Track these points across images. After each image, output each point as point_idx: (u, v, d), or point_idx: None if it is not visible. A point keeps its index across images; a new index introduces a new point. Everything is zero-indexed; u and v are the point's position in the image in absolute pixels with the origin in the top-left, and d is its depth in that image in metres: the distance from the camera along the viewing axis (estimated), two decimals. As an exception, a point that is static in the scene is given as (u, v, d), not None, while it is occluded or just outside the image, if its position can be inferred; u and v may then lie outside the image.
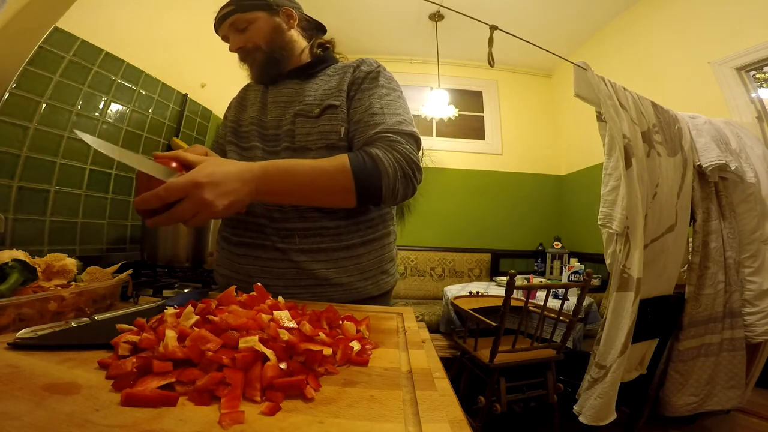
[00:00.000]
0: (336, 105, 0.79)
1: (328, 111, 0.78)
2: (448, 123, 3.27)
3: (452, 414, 0.30)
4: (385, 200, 0.72)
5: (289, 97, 0.84)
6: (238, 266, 0.80)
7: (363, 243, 0.81)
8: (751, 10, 2.05)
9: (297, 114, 0.80)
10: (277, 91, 0.87)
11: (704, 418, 1.83)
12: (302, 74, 0.87)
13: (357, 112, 0.78)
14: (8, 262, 0.48)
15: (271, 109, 0.85)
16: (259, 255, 0.78)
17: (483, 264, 3.48)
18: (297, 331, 0.39)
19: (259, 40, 0.82)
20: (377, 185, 0.69)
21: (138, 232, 1.57)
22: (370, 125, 0.75)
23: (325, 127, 0.78)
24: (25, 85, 1.13)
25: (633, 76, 2.72)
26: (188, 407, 0.28)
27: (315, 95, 0.81)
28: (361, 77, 0.81)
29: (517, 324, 1.68)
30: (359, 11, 3.12)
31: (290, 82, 0.87)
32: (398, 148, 0.72)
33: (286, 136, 0.80)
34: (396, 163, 0.70)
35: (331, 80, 0.83)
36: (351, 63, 0.86)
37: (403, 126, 0.75)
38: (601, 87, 1.42)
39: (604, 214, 1.47)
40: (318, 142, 0.78)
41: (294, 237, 0.77)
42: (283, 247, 0.77)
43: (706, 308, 1.61)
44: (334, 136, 0.77)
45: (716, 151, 1.64)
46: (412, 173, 0.73)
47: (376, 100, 0.78)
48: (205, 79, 2.04)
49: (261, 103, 0.88)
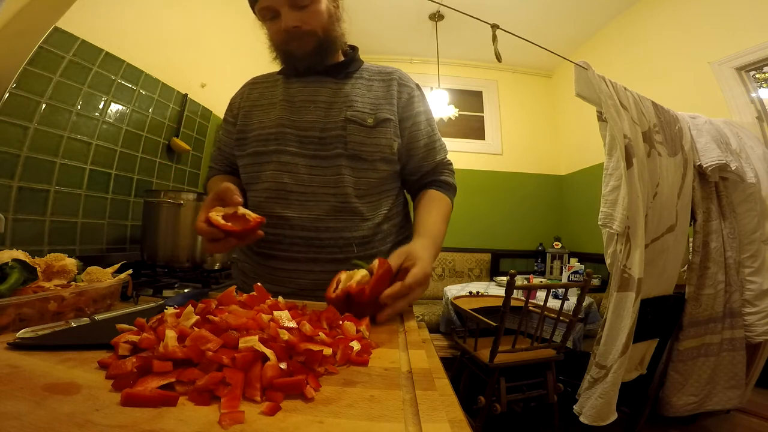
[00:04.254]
0: (390, 119, 0.80)
1: (383, 124, 0.79)
2: (448, 123, 3.27)
3: (452, 414, 0.30)
4: None
5: (329, 97, 0.79)
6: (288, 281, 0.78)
7: (402, 240, 0.86)
8: (751, 10, 2.05)
9: (349, 120, 0.77)
10: (310, 89, 0.80)
11: (704, 418, 1.83)
12: (338, 73, 0.82)
13: (420, 135, 0.85)
14: (8, 262, 0.48)
15: (308, 108, 0.78)
16: (312, 269, 0.77)
17: (483, 264, 3.48)
18: (297, 331, 0.39)
19: (317, 24, 0.74)
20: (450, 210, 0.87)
21: (138, 232, 1.57)
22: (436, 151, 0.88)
23: (380, 140, 0.79)
24: (25, 85, 1.13)
25: (633, 75, 2.72)
26: (188, 407, 0.28)
27: (363, 102, 0.79)
28: (407, 97, 0.85)
29: (517, 324, 1.67)
30: (359, 11, 3.12)
31: (324, 79, 0.80)
32: (452, 170, 0.92)
33: (336, 141, 0.77)
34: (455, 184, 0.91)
35: (373, 87, 0.82)
36: (387, 71, 0.86)
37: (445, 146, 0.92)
38: (601, 87, 1.42)
39: (605, 214, 1.47)
40: (374, 154, 0.78)
41: (351, 245, 0.78)
42: (342, 257, 0.77)
43: (706, 308, 1.61)
44: (388, 150, 0.80)
45: (716, 151, 1.64)
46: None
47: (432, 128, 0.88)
48: (205, 79, 2.04)
49: (286, 101, 0.80)
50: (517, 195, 3.68)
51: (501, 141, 3.80)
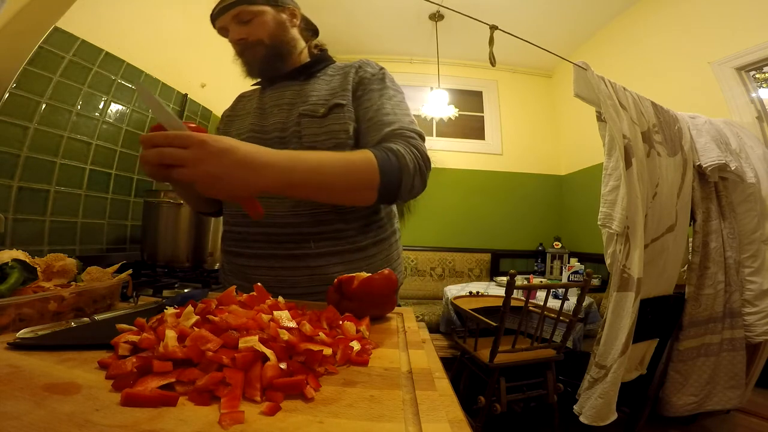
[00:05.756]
0: (342, 104, 0.78)
1: (335, 110, 0.78)
2: (448, 123, 3.27)
3: (452, 414, 0.30)
4: (401, 196, 0.71)
5: (291, 99, 0.82)
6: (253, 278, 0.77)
7: (375, 243, 0.81)
8: (751, 10, 2.05)
9: (302, 114, 0.79)
10: (277, 94, 0.85)
11: (704, 418, 1.83)
12: (302, 74, 0.86)
13: (369, 111, 0.78)
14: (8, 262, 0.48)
15: (273, 112, 0.83)
16: (272, 265, 0.77)
17: (483, 264, 3.48)
18: (297, 331, 0.39)
19: (263, 34, 0.80)
20: (398, 181, 0.68)
21: (138, 232, 1.57)
22: (384, 123, 0.75)
23: (333, 126, 0.77)
24: (25, 85, 1.13)
25: (633, 75, 2.72)
26: (188, 407, 0.28)
27: (319, 95, 0.81)
28: (367, 78, 0.81)
29: (517, 324, 1.67)
30: (359, 11, 3.12)
31: (290, 83, 0.85)
32: (415, 144, 0.73)
33: (293, 137, 0.79)
34: (414, 159, 0.71)
35: (333, 80, 0.83)
36: (352, 63, 0.85)
37: (414, 126, 0.77)
38: (601, 87, 1.42)
39: (604, 214, 1.47)
40: (327, 142, 0.77)
41: (309, 242, 0.76)
42: (298, 253, 0.76)
43: (706, 308, 1.61)
44: (343, 135, 0.77)
45: (716, 151, 1.64)
46: (426, 170, 0.74)
47: (386, 101, 0.78)
48: (205, 79, 2.04)
49: (259, 109, 0.86)
50: (517, 195, 3.68)
51: (501, 141, 3.80)
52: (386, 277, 0.57)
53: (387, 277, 0.57)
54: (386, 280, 0.57)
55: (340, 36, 3.40)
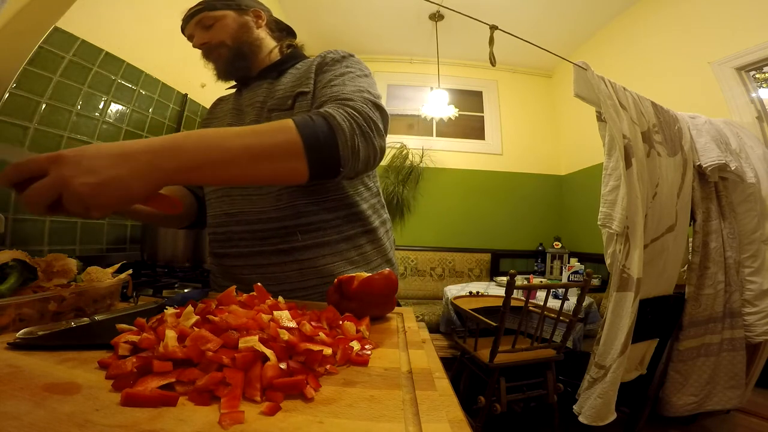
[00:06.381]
0: (306, 92, 0.78)
1: (300, 99, 0.78)
2: (448, 123, 3.27)
3: (452, 414, 0.30)
4: (345, 162, 0.60)
5: (263, 97, 0.84)
6: (241, 277, 0.78)
7: (364, 232, 0.81)
8: (751, 10, 2.05)
9: (271, 109, 0.79)
10: (251, 94, 0.86)
11: (704, 418, 1.83)
12: (273, 72, 0.86)
13: (317, 89, 0.77)
14: (8, 262, 0.48)
15: (248, 112, 0.84)
16: (260, 262, 0.77)
17: (483, 264, 3.48)
18: (297, 331, 0.39)
19: (225, 36, 0.82)
20: (331, 143, 0.58)
21: (138, 232, 1.57)
22: (325, 95, 0.70)
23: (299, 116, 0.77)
24: (25, 85, 1.13)
25: (633, 75, 2.72)
26: (188, 407, 0.28)
27: (285, 88, 0.81)
28: (327, 62, 0.80)
29: (517, 324, 1.67)
30: (359, 11, 3.12)
31: (263, 82, 0.86)
32: (351, 105, 0.64)
33: None
34: (350, 118, 0.61)
35: (299, 72, 0.84)
36: (318, 55, 0.84)
37: (363, 94, 0.68)
38: (601, 87, 1.42)
39: (604, 214, 1.47)
40: None
41: (295, 234, 0.76)
42: (285, 247, 0.75)
43: (706, 308, 1.61)
44: None
45: (716, 151, 1.64)
46: (371, 132, 0.64)
47: (337, 77, 0.74)
48: (205, 79, 2.02)
49: (236, 110, 0.87)
50: (517, 195, 3.68)
51: (501, 141, 3.80)
52: (386, 277, 0.57)
53: (387, 277, 0.57)
54: (386, 280, 0.57)
55: (340, 36, 3.40)
